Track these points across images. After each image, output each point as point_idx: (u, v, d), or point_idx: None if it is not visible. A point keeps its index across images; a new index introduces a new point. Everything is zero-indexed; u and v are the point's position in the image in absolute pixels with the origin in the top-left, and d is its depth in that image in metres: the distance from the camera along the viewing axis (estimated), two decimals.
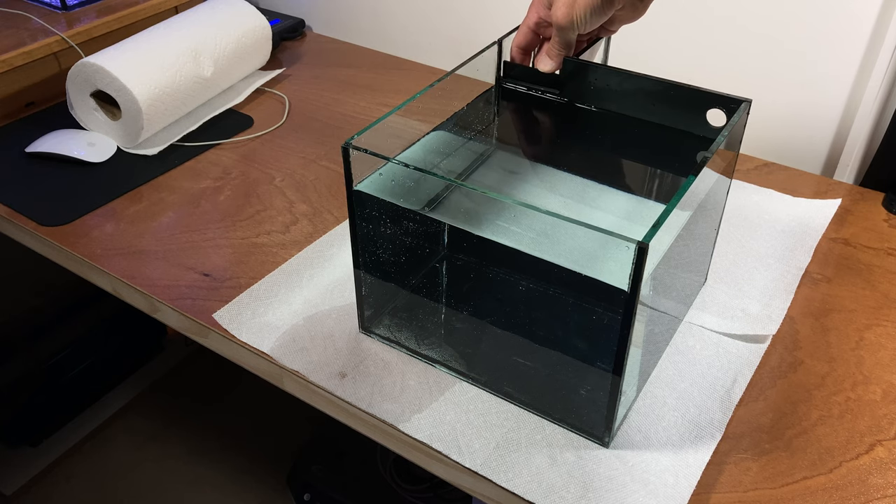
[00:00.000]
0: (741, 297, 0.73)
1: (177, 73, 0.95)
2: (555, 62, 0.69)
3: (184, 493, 1.42)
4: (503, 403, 0.63)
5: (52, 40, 1.04)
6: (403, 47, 1.25)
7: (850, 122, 0.92)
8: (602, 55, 0.77)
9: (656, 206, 0.65)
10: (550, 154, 0.75)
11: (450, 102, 0.70)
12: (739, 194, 0.87)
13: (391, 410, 0.63)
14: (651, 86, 0.67)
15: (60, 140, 0.95)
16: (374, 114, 1.04)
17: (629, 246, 0.48)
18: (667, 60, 1.01)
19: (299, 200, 0.88)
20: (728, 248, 0.79)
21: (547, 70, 0.70)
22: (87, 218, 0.86)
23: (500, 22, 0.82)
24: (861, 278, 0.76)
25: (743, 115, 0.62)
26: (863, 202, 0.87)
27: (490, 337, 0.68)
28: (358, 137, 0.58)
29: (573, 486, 0.57)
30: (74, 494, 1.41)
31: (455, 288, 0.72)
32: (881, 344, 0.69)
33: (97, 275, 0.80)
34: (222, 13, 1.04)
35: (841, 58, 0.90)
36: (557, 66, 0.70)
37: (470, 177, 0.70)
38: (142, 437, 1.52)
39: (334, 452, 1.31)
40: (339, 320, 0.71)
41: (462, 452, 0.59)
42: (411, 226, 0.64)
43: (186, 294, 0.75)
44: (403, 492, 1.23)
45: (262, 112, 1.06)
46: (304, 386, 0.67)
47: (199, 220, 0.85)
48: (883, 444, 0.60)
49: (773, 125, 0.97)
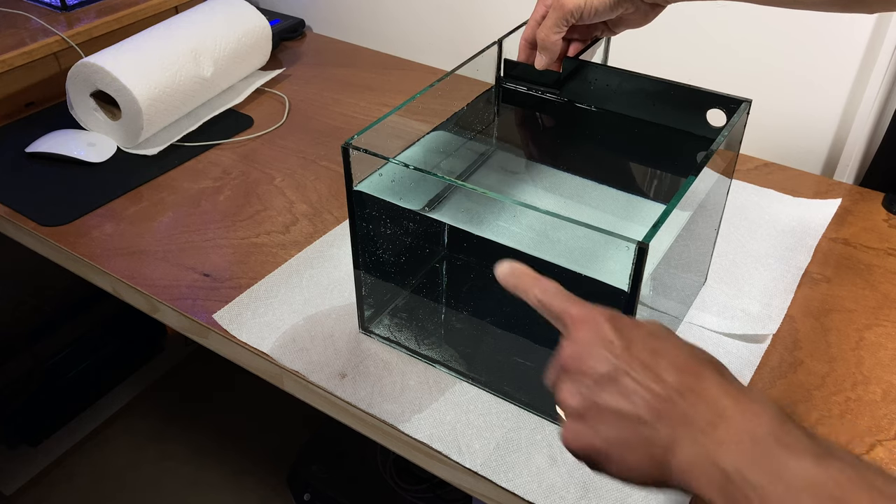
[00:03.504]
0: (741, 297, 0.73)
1: (177, 73, 0.95)
2: (547, 56, 0.69)
3: (184, 493, 1.42)
4: (503, 403, 0.63)
5: (52, 40, 1.04)
6: (403, 47, 1.25)
7: (850, 123, 0.92)
8: (602, 55, 0.77)
9: (656, 206, 0.65)
10: (550, 154, 0.75)
11: (450, 102, 0.70)
12: (739, 194, 0.87)
13: (391, 410, 0.63)
14: (651, 86, 0.67)
15: (60, 140, 0.95)
16: (374, 114, 1.04)
17: (629, 246, 0.48)
18: (667, 60, 1.01)
19: (299, 200, 0.88)
20: (728, 248, 0.79)
21: (542, 65, 0.70)
22: (87, 218, 0.86)
23: (500, 22, 0.82)
24: (861, 278, 0.76)
25: (743, 115, 0.62)
26: (863, 202, 0.87)
27: (490, 337, 0.68)
28: (358, 137, 0.58)
29: (573, 487, 0.57)
30: (74, 494, 1.41)
31: (455, 288, 0.72)
32: (881, 344, 0.69)
33: (97, 275, 0.80)
34: (222, 13, 1.04)
35: (841, 58, 0.90)
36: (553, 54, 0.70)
37: (470, 177, 0.70)
38: (142, 437, 1.52)
39: (334, 452, 1.31)
40: (339, 320, 0.71)
41: (462, 452, 0.59)
42: (411, 226, 0.64)
43: (186, 294, 0.75)
44: (403, 492, 1.23)
45: (262, 112, 1.06)
46: (304, 386, 0.67)
47: (199, 220, 0.85)
48: (883, 444, 0.60)
49: (773, 125, 0.97)
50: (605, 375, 0.41)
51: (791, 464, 0.35)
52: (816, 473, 0.34)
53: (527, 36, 0.71)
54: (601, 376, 0.41)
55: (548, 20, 0.67)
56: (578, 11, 0.65)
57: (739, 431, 0.37)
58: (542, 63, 0.70)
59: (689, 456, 0.38)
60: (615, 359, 0.41)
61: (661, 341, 0.42)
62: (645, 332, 0.42)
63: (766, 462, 0.35)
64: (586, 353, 0.42)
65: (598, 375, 0.41)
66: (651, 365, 0.41)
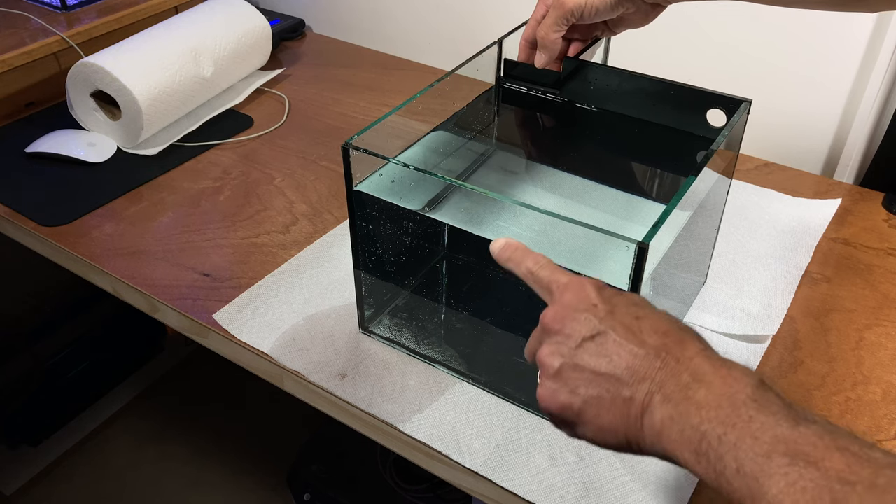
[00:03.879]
0: (741, 297, 0.73)
1: (177, 73, 0.95)
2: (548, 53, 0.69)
3: (184, 494, 1.42)
4: (503, 403, 0.63)
5: (52, 40, 1.04)
6: (403, 47, 1.25)
7: (850, 122, 0.92)
8: (602, 55, 0.77)
9: (656, 206, 0.65)
10: (550, 154, 0.75)
11: (450, 102, 0.70)
12: (739, 194, 0.87)
13: (391, 410, 0.63)
14: (651, 86, 0.67)
15: (60, 140, 0.95)
16: (374, 114, 1.04)
17: (629, 246, 0.48)
18: (667, 60, 1.01)
19: (299, 200, 0.88)
20: (728, 248, 0.79)
21: (541, 63, 0.70)
22: (87, 218, 0.86)
23: (500, 22, 0.82)
24: (861, 278, 0.76)
25: (743, 115, 0.62)
26: (863, 202, 0.87)
27: (490, 337, 0.68)
28: (358, 137, 0.58)
29: (573, 487, 0.57)
30: (74, 494, 1.41)
31: (455, 288, 0.72)
32: (881, 344, 0.69)
33: (97, 275, 0.80)
34: (222, 13, 1.04)
35: (841, 58, 0.90)
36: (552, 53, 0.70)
37: (470, 177, 0.70)
38: (142, 438, 1.52)
39: (334, 452, 1.31)
40: (339, 320, 0.71)
41: (462, 452, 0.59)
42: (411, 226, 0.64)
43: (186, 294, 0.75)
44: (403, 492, 1.23)
45: (262, 112, 1.06)
46: (304, 386, 0.67)
47: (199, 220, 0.85)
48: (883, 444, 0.60)
49: (773, 125, 0.97)
50: (588, 337, 0.42)
51: (768, 426, 0.35)
52: (792, 435, 0.34)
53: (527, 36, 0.71)
54: (584, 338, 0.42)
55: (548, 18, 0.67)
56: (579, 10, 0.65)
57: (718, 396, 0.37)
58: (542, 61, 0.70)
59: (664, 416, 0.38)
60: (599, 322, 0.42)
61: (644, 309, 0.43)
62: (628, 300, 0.43)
63: (743, 425, 0.35)
64: (570, 316, 0.43)
65: (580, 337, 0.42)
66: (633, 328, 0.41)
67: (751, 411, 0.36)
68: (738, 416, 0.36)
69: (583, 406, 0.41)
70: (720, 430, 0.36)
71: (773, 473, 0.33)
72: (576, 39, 0.71)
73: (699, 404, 0.37)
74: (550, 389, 0.43)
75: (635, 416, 0.40)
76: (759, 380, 0.38)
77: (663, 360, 0.40)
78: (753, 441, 0.35)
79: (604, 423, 0.41)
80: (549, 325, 0.43)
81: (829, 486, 0.32)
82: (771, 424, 0.35)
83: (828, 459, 0.33)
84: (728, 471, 0.35)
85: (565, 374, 0.42)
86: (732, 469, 0.35)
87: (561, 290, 0.45)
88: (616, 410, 0.40)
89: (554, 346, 0.43)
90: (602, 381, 0.41)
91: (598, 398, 0.41)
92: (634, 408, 0.40)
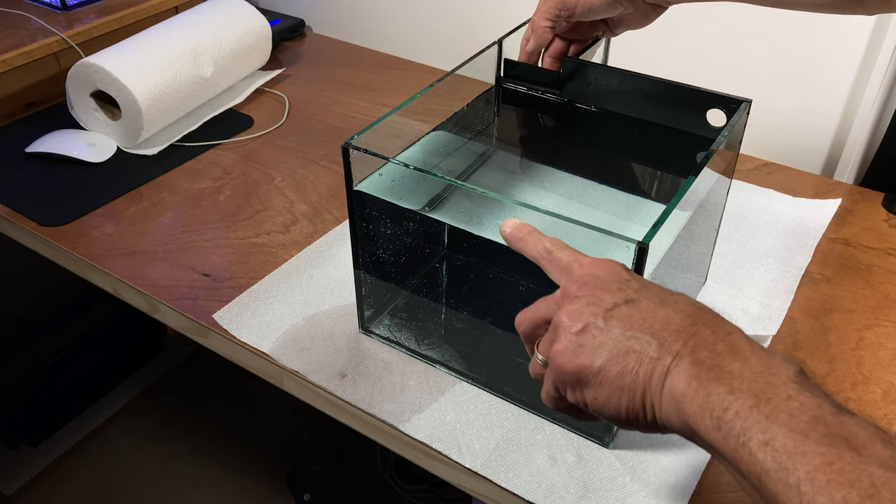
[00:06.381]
0: (741, 298, 0.73)
1: (177, 73, 0.95)
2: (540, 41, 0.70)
3: (184, 493, 1.42)
4: (503, 403, 0.63)
5: (52, 40, 1.04)
6: (403, 47, 1.25)
7: (850, 122, 0.92)
8: (602, 55, 0.77)
9: (656, 206, 0.65)
10: (550, 154, 0.75)
11: (450, 102, 0.70)
12: (739, 194, 0.87)
13: (391, 410, 0.63)
14: (651, 86, 0.67)
15: (60, 140, 0.95)
16: (374, 114, 1.04)
17: (629, 246, 0.48)
18: (667, 60, 1.01)
19: (299, 200, 0.88)
20: (728, 248, 0.79)
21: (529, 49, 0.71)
22: (87, 218, 0.86)
23: (500, 22, 0.82)
24: (861, 278, 0.76)
25: (743, 115, 0.62)
26: (863, 202, 0.87)
27: (490, 337, 0.68)
28: (358, 137, 0.58)
29: (573, 487, 0.57)
30: (74, 494, 1.41)
31: (455, 288, 0.72)
32: (881, 344, 0.69)
33: (97, 275, 0.80)
34: (222, 13, 1.04)
35: (841, 58, 0.90)
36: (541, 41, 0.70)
37: (470, 177, 0.70)
38: (142, 438, 1.52)
39: (334, 452, 1.31)
40: (339, 320, 0.71)
41: (462, 452, 0.59)
42: (411, 226, 0.64)
43: (186, 294, 0.75)
44: (403, 492, 1.23)
45: (262, 112, 1.06)
46: (304, 386, 0.67)
47: (199, 220, 0.85)
48: None
49: (773, 125, 0.97)
50: (621, 302, 0.41)
51: (808, 408, 0.34)
52: (834, 421, 0.33)
53: (528, 36, 0.71)
54: (615, 303, 0.41)
55: (543, 5, 0.68)
56: (572, 4, 0.66)
57: (755, 372, 0.36)
58: (530, 47, 0.71)
59: (690, 377, 0.37)
60: (633, 292, 0.41)
61: (677, 294, 0.42)
62: (659, 285, 0.43)
63: (780, 401, 0.34)
64: (601, 285, 0.42)
65: (612, 302, 0.41)
66: (668, 301, 0.41)
67: (790, 391, 0.35)
68: (776, 393, 0.34)
69: (605, 364, 0.40)
70: (751, 402, 0.34)
71: (807, 451, 0.32)
72: (576, 40, 0.71)
73: (732, 374, 0.36)
74: (573, 346, 0.41)
75: (660, 375, 0.38)
76: (800, 367, 0.37)
77: (698, 328, 0.39)
78: (789, 417, 0.33)
79: (625, 383, 0.39)
80: (575, 292, 0.42)
81: (868, 471, 0.31)
82: (811, 406, 0.34)
83: (870, 448, 0.32)
84: (753, 442, 0.33)
85: (591, 331, 0.41)
86: (759, 440, 0.33)
87: (587, 265, 0.44)
88: (640, 370, 0.39)
89: (580, 306, 0.41)
90: (631, 341, 0.39)
91: (623, 355, 0.39)
92: (660, 367, 0.38)
